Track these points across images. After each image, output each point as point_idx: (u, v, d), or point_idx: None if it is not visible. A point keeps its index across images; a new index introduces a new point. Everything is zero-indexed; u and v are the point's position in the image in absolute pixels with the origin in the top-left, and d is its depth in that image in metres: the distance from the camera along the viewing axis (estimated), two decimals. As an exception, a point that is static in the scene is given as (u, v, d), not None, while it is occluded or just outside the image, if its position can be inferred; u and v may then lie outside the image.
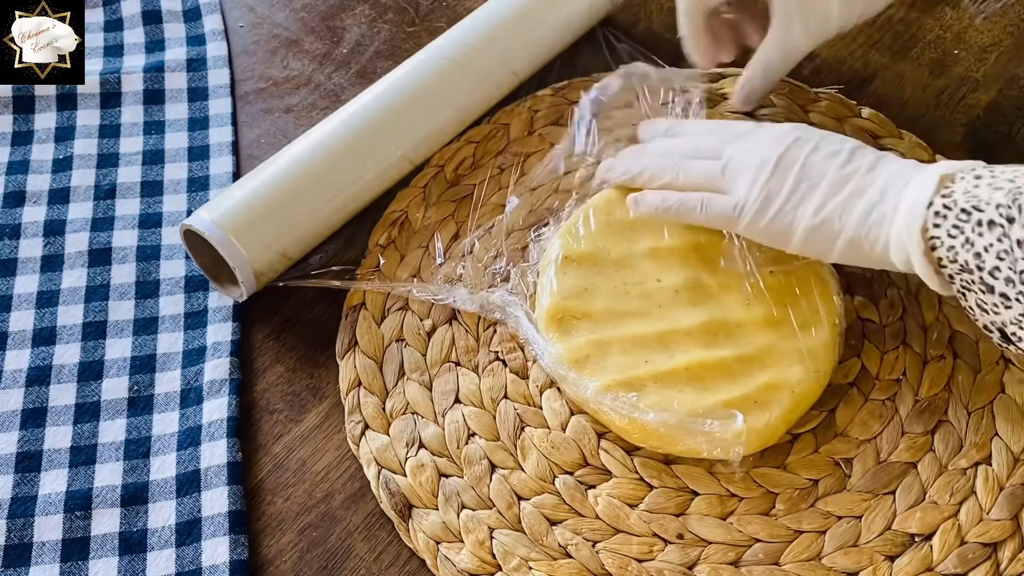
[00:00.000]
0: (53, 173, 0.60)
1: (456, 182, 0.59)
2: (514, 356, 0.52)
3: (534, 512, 0.47)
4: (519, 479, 0.48)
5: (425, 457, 0.49)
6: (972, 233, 0.41)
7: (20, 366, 0.52)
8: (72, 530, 0.47)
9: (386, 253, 0.56)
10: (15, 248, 0.57)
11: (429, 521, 0.47)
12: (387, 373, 0.52)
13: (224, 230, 0.51)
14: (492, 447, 0.49)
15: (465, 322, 0.53)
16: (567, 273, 0.52)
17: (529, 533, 0.46)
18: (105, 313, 0.54)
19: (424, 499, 0.47)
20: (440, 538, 0.46)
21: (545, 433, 0.49)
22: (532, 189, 0.58)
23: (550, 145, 0.60)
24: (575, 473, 0.48)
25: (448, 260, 0.55)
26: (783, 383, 0.48)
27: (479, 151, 0.60)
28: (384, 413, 0.50)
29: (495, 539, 0.46)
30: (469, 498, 0.48)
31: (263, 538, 0.47)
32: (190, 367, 0.52)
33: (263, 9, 0.70)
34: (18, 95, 0.63)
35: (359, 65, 0.67)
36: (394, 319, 0.54)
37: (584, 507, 0.47)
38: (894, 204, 0.44)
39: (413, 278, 0.55)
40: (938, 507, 0.47)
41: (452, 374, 0.52)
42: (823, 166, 0.46)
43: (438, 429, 0.50)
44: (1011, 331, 0.42)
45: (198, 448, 0.49)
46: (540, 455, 0.49)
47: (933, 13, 0.69)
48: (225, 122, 0.63)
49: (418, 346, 0.53)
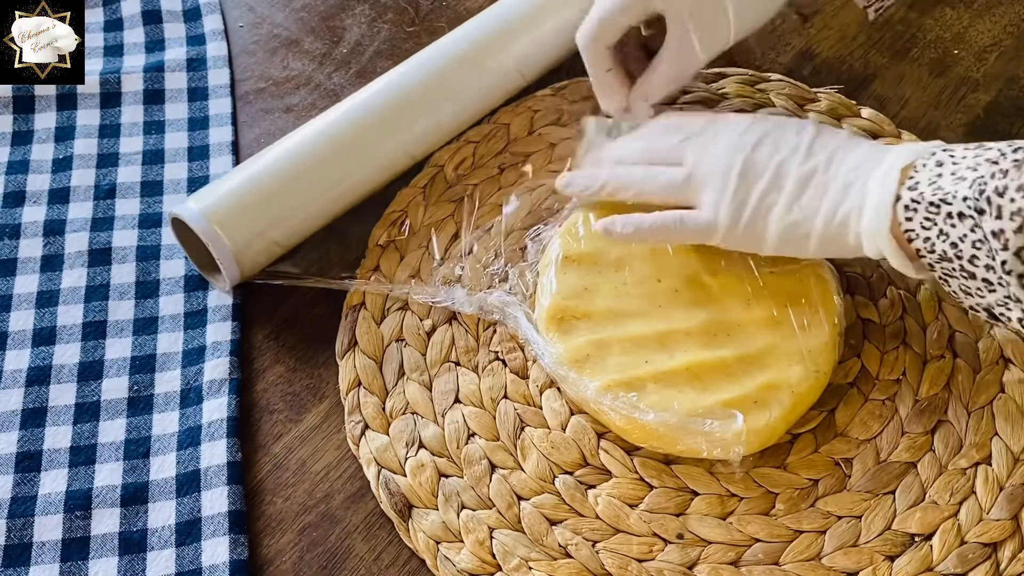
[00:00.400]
0: (53, 173, 0.60)
1: (456, 182, 0.59)
2: (514, 356, 0.52)
3: (534, 512, 0.47)
4: (519, 479, 0.48)
5: (425, 457, 0.49)
6: (945, 225, 0.41)
7: (20, 366, 0.52)
8: (72, 530, 0.47)
9: (386, 253, 0.56)
10: (15, 248, 0.57)
11: (429, 521, 0.47)
12: (387, 373, 0.52)
13: (207, 218, 0.51)
14: (492, 447, 0.49)
15: (465, 322, 0.53)
16: (567, 273, 0.52)
17: (529, 533, 0.46)
18: (105, 313, 0.54)
19: (424, 499, 0.47)
20: (440, 538, 0.46)
21: (545, 433, 0.49)
22: (532, 190, 0.58)
23: (550, 145, 0.60)
24: (575, 473, 0.48)
25: (447, 261, 0.55)
26: (783, 383, 0.48)
27: (479, 151, 0.60)
28: (384, 413, 0.50)
29: (495, 539, 0.46)
30: (469, 498, 0.48)
31: (263, 538, 0.47)
32: (190, 367, 0.52)
33: (263, 9, 0.70)
34: (18, 95, 0.63)
35: (359, 65, 0.67)
36: (394, 319, 0.54)
37: (584, 507, 0.47)
38: (858, 202, 0.44)
39: (412, 278, 0.55)
40: (938, 507, 0.47)
41: (452, 374, 0.52)
42: (786, 167, 0.47)
43: (438, 429, 0.50)
44: (998, 312, 0.42)
45: (198, 448, 0.49)
46: (540, 455, 0.49)
47: (933, 13, 0.69)
48: (225, 122, 0.63)
49: (418, 346, 0.53)
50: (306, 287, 0.55)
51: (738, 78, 0.64)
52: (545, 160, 0.60)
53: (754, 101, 0.62)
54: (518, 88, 0.62)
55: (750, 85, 0.63)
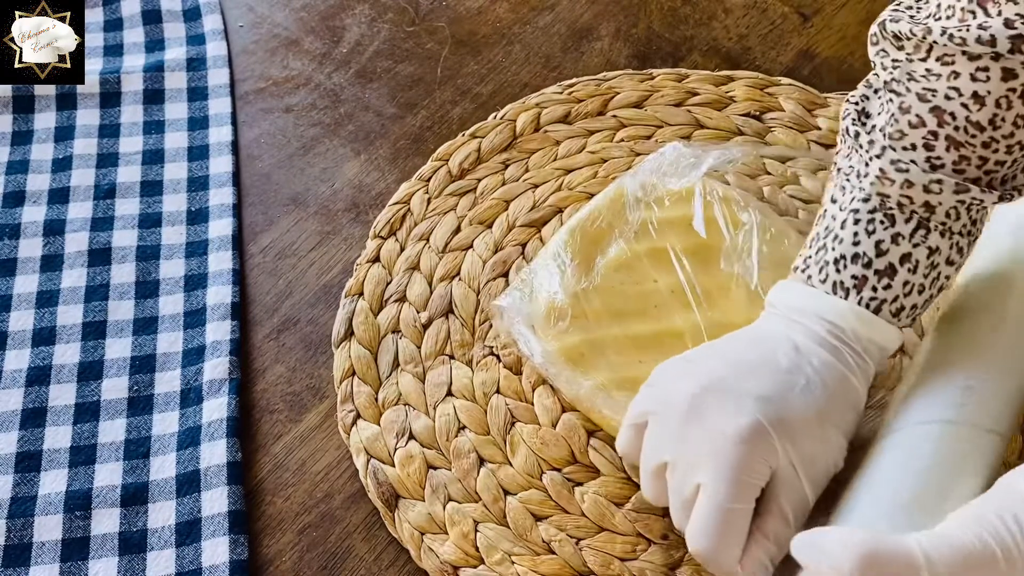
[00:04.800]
0: (53, 173, 0.60)
1: (461, 176, 0.59)
2: (508, 351, 0.52)
3: (520, 507, 0.47)
4: (507, 474, 0.48)
5: (414, 448, 0.49)
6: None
7: (20, 366, 0.52)
8: (72, 530, 0.47)
9: (386, 244, 0.56)
10: (15, 248, 0.57)
11: (415, 512, 0.47)
12: (381, 363, 0.52)
13: None
14: (482, 441, 0.49)
15: (461, 316, 0.53)
16: (564, 271, 0.52)
17: (514, 528, 0.47)
18: (105, 313, 0.54)
19: (411, 490, 0.48)
20: (425, 529, 0.47)
21: (535, 429, 0.49)
22: (535, 186, 0.58)
23: (555, 143, 0.60)
24: (563, 470, 0.48)
25: (447, 254, 0.55)
26: None
27: (484, 147, 0.60)
28: (376, 403, 0.50)
29: (479, 532, 0.46)
30: (456, 491, 0.48)
31: (263, 538, 0.47)
32: (190, 367, 0.52)
33: (263, 9, 0.70)
34: (18, 95, 0.63)
35: (359, 65, 0.67)
36: (391, 310, 0.54)
37: (570, 504, 0.47)
38: None
39: (412, 270, 0.55)
40: None
41: (446, 367, 0.52)
42: None
43: (429, 421, 0.50)
44: None
45: (198, 448, 0.49)
46: (529, 451, 0.49)
47: (933, 13, 0.69)
48: (225, 122, 0.63)
49: (413, 338, 0.53)
50: (306, 287, 0.55)
51: (747, 81, 0.63)
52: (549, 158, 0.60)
53: (762, 105, 0.62)
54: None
55: (760, 89, 0.63)
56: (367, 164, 0.62)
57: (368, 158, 0.62)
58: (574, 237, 0.53)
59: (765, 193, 0.57)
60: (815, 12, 0.69)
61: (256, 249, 0.58)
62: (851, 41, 0.68)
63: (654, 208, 0.53)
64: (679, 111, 0.62)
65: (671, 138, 0.60)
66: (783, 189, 0.58)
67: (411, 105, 0.65)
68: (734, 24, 0.69)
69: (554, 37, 0.68)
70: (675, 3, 0.70)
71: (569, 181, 0.59)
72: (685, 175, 0.54)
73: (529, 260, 0.54)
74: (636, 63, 0.66)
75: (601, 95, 0.62)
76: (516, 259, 0.55)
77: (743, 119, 0.61)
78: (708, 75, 0.64)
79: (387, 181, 0.61)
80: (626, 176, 0.55)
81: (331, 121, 0.64)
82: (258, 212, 0.60)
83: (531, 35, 0.69)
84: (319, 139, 0.63)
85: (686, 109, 0.62)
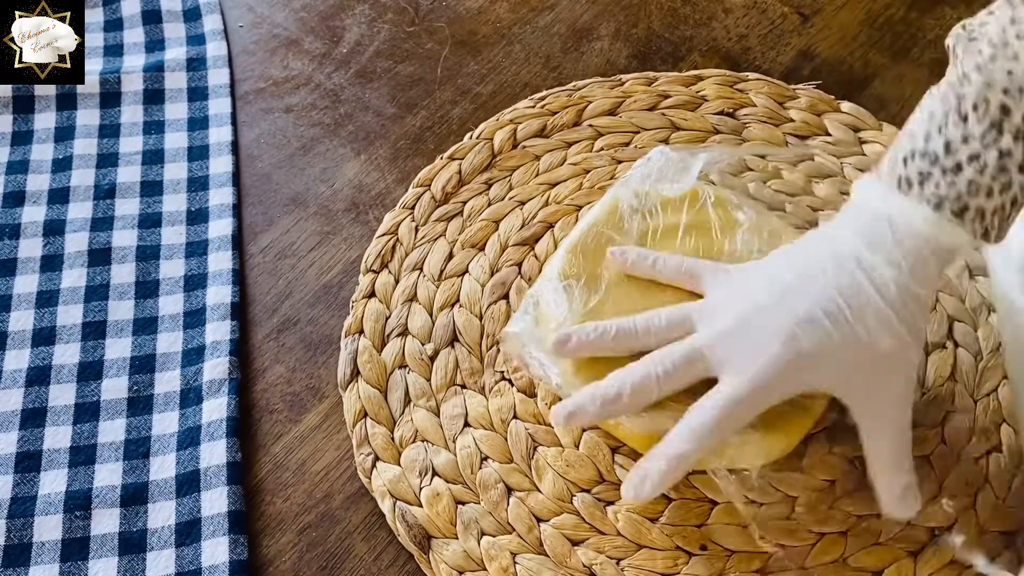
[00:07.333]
0: (53, 173, 0.60)
1: (445, 200, 0.58)
2: (520, 375, 0.51)
3: (555, 534, 0.46)
4: (536, 500, 0.47)
5: (440, 485, 0.48)
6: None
7: (20, 366, 0.52)
8: (72, 530, 0.46)
9: (379, 277, 0.55)
10: (15, 248, 0.57)
11: (450, 551, 0.46)
12: (392, 401, 0.50)
13: None
14: (507, 470, 0.48)
15: (467, 343, 0.52)
16: (570, 290, 0.50)
17: (552, 555, 0.46)
18: (105, 313, 0.54)
19: (442, 528, 0.46)
20: (463, 568, 0.45)
21: (559, 451, 0.49)
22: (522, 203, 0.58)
23: (535, 158, 0.60)
24: (592, 490, 0.47)
25: (443, 281, 0.55)
26: None
27: (465, 168, 0.60)
28: (394, 443, 0.49)
29: (519, 564, 0.45)
30: (488, 524, 0.47)
31: (263, 538, 0.47)
32: (189, 367, 0.52)
33: (263, 9, 0.70)
34: (18, 95, 0.63)
35: (359, 65, 0.67)
36: (395, 345, 0.52)
37: (604, 524, 0.47)
38: None
39: (410, 302, 0.54)
40: (955, 499, 0.46)
41: (459, 397, 0.50)
42: None
43: (450, 455, 0.49)
44: None
45: (198, 448, 0.49)
46: (556, 474, 0.48)
47: (933, 13, 0.70)
48: (225, 122, 0.63)
49: (422, 371, 0.52)
50: (306, 286, 0.54)
51: (715, 79, 0.64)
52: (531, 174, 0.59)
53: (734, 102, 0.62)
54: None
55: (729, 86, 0.63)
56: (367, 164, 0.62)
57: (368, 158, 0.62)
58: (576, 255, 0.51)
59: (751, 190, 0.57)
60: (815, 12, 0.70)
61: (256, 249, 0.58)
62: (851, 41, 0.68)
63: (652, 216, 0.53)
64: (654, 115, 0.61)
65: (649, 143, 0.60)
66: (767, 184, 0.58)
67: (411, 105, 0.65)
68: (734, 24, 0.69)
69: (554, 37, 0.68)
70: (675, 3, 0.70)
71: (555, 195, 0.58)
72: (677, 180, 0.53)
73: (528, 279, 0.53)
74: (636, 63, 0.66)
75: (574, 105, 0.62)
76: (514, 279, 0.54)
77: (718, 118, 0.61)
78: (676, 76, 0.64)
79: (387, 181, 0.61)
80: (617, 186, 0.54)
81: (331, 121, 0.64)
82: (258, 212, 0.59)
83: (531, 35, 0.69)
84: (319, 139, 0.63)
85: (660, 113, 0.62)
